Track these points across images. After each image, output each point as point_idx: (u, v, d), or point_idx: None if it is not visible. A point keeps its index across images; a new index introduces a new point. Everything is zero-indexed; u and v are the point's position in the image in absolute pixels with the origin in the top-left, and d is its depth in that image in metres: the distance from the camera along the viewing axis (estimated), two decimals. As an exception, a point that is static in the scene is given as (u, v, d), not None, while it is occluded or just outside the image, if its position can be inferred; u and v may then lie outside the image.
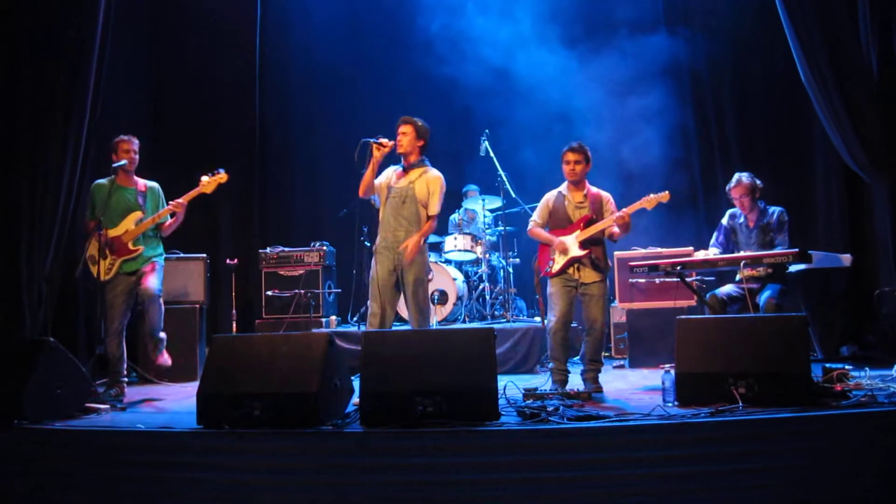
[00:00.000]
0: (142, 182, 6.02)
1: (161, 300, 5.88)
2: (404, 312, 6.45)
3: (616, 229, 5.42)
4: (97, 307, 6.13)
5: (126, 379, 5.88)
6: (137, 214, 5.87)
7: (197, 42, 8.69)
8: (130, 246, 5.80)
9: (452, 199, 8.82)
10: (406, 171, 5.52)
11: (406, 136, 5.45)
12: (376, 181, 5.49)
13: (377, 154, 5.38)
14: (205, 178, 5.95)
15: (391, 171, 5.58)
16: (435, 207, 5.49)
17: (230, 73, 8.84)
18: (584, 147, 5.57)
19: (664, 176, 7.96)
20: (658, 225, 7.72)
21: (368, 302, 5.53)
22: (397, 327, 6.42)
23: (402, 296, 5.52)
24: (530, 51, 8.60)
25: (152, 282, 5.82)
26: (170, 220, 5.94)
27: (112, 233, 5.79)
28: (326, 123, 9.33)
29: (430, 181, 5.48)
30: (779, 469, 3.76)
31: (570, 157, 5.54)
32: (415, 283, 5.39)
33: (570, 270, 5.44)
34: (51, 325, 6.12)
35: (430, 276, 5.66)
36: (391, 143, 5.40)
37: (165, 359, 5.89)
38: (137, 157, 5.95)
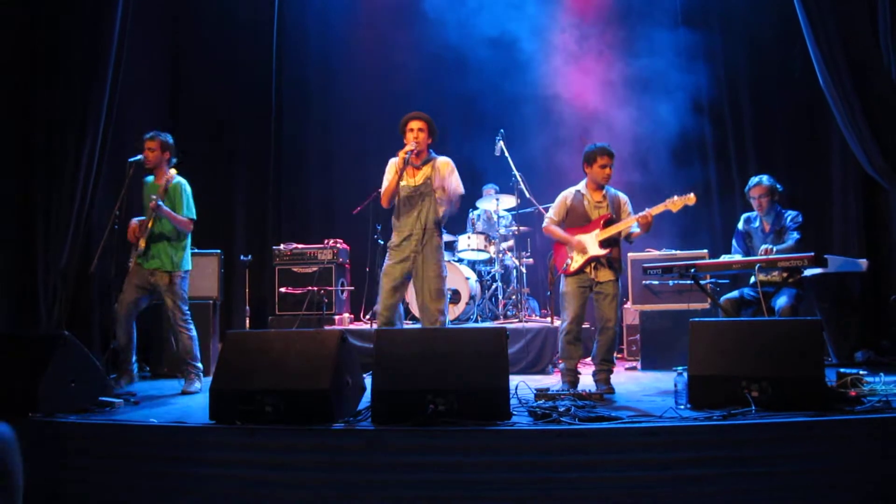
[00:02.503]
0: (166, 179, 6.03)
1: (189, 327, 5.97)
2: (415, 309, 6.49)
3: (636, 230, 5.40)
4: (112, 302, 6.19)
5: (135, 367, 5.94)
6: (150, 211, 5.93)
7: (214, 38, 8.71)
8: (141, 242, 5.87)
9: (467, 199, 8.83)
10: (419, 166, 5.57)
11: (423, 133, 5.51)
12: (385, 183, 5.53)
13: (401, 161, 5.46)
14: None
15: (391, 166, 5.61)
16: (459, 187, 5.59)
17: (247, 70, 8.87)
18: (613, 151, 5.55)
19: (679, 179, 7.95)
20: (673, 228, 7.70)
21: (379, 297, 5.57)
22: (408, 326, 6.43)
23: (411, 290, 5.61)
24: (545, 48, 8.61)
25: (171, 307, 5.91)
26: (175, 217, 5.94)
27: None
28: (342, 121, 9.34)
29: (441, 167, 5.60)
30: (791, 473, 3.74)
31: (605, 160, 5.48)
32: (436, 279, 5.50)
33: (587, 269, 5.42)
34: (66, 319, 6.17)
35: (444, 275, 5.68)
36: (411, 146, 5.46)
37: (195, 387, 5.86)
38: (156, 154, 6.00)
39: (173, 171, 6.09)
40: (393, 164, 5.61)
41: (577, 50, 8.58)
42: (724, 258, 6.04)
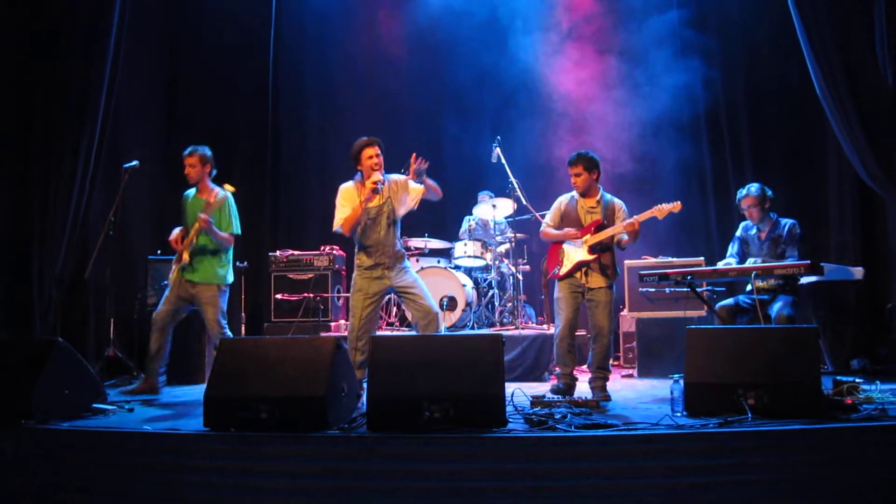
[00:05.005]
0: (213, 193, 5.97)
1: (227, 336, 5.98)
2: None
3: (625, 237, 5.39)
4: (106, 310, 6.15)
5: (163, 378, 5.97)
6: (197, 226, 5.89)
7: (211, 44, 8.71)
8: (185, 256, 5.86)
9: (465, 205, 8.82)
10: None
11: (380, 157, 5.44)
12: (347, 212, 5.43)
13: (369, 191, 5.37)
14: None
15: (351, 194, 5.49)
16: (418, 193, 5.49)
17: (244, 76, 8.87)
18: (584, 157, 5.50)
19: (676, 186, 7.96)
20: (669, 235, 7.70)
21: (351, 322, 5.45)
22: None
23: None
24: (542, 53, 8.66)
25: (212, 319, 5.94)
26: (219, 233, 5.92)
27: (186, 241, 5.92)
28: (339, 127, 9.32)
29: (398, 184, 5.51)
30: (787, 481, 3.73)
31: (570, 170, 5.54)
32: (416, 281, 5.45)
33: (578, 275, 5.43)
34: (60, 325, 6.15)
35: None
36: (378, 177, 5.38)
37: None
38: (196, 169, 5.96)
39: (226, 189, 6.03)
40: (348, 192, 5.48)
41: (573, 48, 8.61)
42: (721, 264, 6.04)
